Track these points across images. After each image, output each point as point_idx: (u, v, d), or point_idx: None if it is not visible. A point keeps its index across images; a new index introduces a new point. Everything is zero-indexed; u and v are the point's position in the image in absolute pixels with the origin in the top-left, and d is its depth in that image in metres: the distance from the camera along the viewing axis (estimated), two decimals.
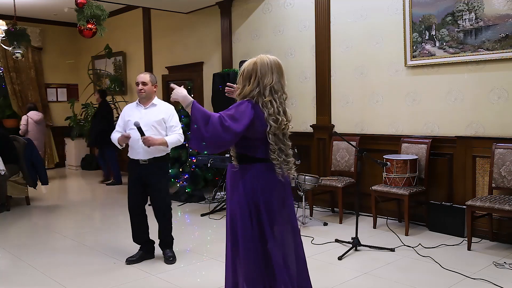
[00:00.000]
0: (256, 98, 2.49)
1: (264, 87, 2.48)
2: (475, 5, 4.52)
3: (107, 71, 9.94)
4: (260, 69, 2.51)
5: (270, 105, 2.47)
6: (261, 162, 2.55)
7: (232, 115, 2.41)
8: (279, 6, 6.45)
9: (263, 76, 2.50)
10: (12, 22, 6.92)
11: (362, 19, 5.53)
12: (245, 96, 2.52)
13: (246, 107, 2.45)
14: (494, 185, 4.36)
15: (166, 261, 4.05)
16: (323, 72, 5.91)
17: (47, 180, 6.73)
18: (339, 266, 3.91)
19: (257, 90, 2.49)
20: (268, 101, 2.47)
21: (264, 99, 2.47)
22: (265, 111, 2.47)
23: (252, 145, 2.52)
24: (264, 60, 2.54)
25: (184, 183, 6.62)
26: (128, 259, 4.05)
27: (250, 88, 2.50)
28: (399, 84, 5.24)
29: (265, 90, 2.48)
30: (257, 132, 2.48)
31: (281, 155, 2.54)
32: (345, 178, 5.46)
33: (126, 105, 4.23)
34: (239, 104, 2.48)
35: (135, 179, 4.01)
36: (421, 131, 5.09)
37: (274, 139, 2.49)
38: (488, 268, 3.75)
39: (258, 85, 2.49)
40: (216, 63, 7.52)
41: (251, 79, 2.50)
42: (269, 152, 2.51)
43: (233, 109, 2.45)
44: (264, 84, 2.49)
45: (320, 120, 5.98)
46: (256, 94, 2.49)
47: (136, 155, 3.95)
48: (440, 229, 4.73)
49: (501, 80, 4.47)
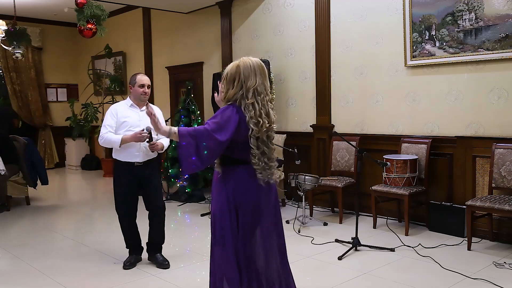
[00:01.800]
0: (239, 100, 2.47)
1: (247, 89, 2.46)
2: (475, 5, 4.52)
3: (107, 71, 9.94)
4: (243, 72, 2.48)
5: (252, 108, 2.45)
6: (244, 164, 2.52)
7: (217, 123, 2.40)
8: (279, 6, 6.45)
9: (246, 79, 2.48)
10: (12, 22, 6.91)
11: (362, 19, 5.54)
12: (229, 100, 2.50)
13: (231, 112, 2.44)
14: (494, 185, 4.36)
15: (161, 266, 3.93)
16: (323, 72, 5.91)
17: (47, 180, 6.73)
18: (339, 266, 3.91)
19: (240, 93, 2.47)
20: (250, 103, 2.45)
21: (247, 102, 2.45)
22: (247, 114, 2.44)
23: (236, 147, 2.49)
24: (247, 63, 2.51)
25: (184, 183, 6.62)
26: (126, 264, 3.96)
27: (233, 91, 2.48)
28: (399, 84, 5.24)
29: (248, 93, 2.46)
30: (242, 136, 2.46)
31: (262, 159, 2.50)
32: (345, 178, 5.46)
33: (113, 105, 4.03)
34: (224, 110, 2.47)
35: (128, 182, 3.88)
36: (421, 131, 5.09)
37: (256, 143, 2.47)
38: (488, 268, 3.75)
39: (242, 88, 2.47)
40: (216, 63, 7.52)
41: (235, 82, 2.49)
42: (250, 156, 2.48)
43: (219, 116, 2.44)
44: (248, 87, 2.47)
45: (320, 120, 5.98)
46: (240, 96, 2.47)
47: (132, 157, 3.84)
48: (440, 229, 4.73)
49: (501, 80, 4.47)
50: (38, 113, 10.06)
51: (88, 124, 9.25)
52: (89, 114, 9.20)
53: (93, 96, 10.05)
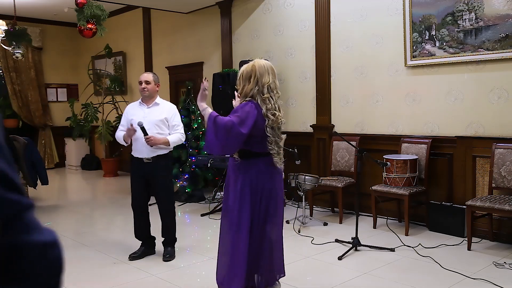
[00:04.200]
0: (256, 96, 2.82)
1: (262, 85, 2.83)
2: (475, 5, 4.52)
3: (107, 71, 9.94)
4: (259, 70, 2.84)
5: (268, 101, 2.83)
6: (263, 156, 2.89)
7: (239, 117, 2.73)
8: (279, 6, 6.45)
9: (261, 76, 2.84)
10: (12, 22, 6.92)
11: (362, 19, 5.54)
12: (246, 95, 2.85)
13: (250, 107, 2.77)
14: (494, 185, 4.36)
15: (164, 258, 4.10)
16: (323, 72, 5.91)
17: (47, 180, 6.73)
18: (339, 266, 3.91)
19: (256, 89, 2.82)
20: (266, 97, 2.82)
21: (263, 96, 2.82)
22: (264, 107, 2.80)
23: (255, 142, 2.83)
24: (261, 63, 2.89)
25: (184, 183, 6.62)
26: (131, 255, 4.13)
27: (250, 86, 2.83)
28: (399, 84, 5.24)
29: (263, 88, 2.83)
30: (259, 129, 2.80)
31: (274, 146, 2.88)
32: (345, 178, 5.46)
33: (128, 104, 4.33)
34: (243, 106, 2.80)
35: (139, 177, 4.10)
36: (421, 131, 5.09)
37: (271, 132, 2.85)
38: (488, 268, 3.75)
39: (257, 84, 2.82)
40: (216, 63, 7.52)
41: (251, 79, 2.84)
42: (267, 143, 2.85)
43: (239, 111, 2.78)
44: (263, 83, 2.83)
45: (320, 120, 5.98)
46: (256, 92, 2.82)
47: (139, 153, 4.03)
48: (440, 229, 4.73)
49: (501, 80, 4.47)
50: (38, 113, 10.06)
51: (88, 124, 9.25)
52: (89, 114, 9.20)
53: (93, 96, 10.05)
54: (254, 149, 2.86)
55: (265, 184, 2.90)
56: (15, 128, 9.82)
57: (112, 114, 9.17)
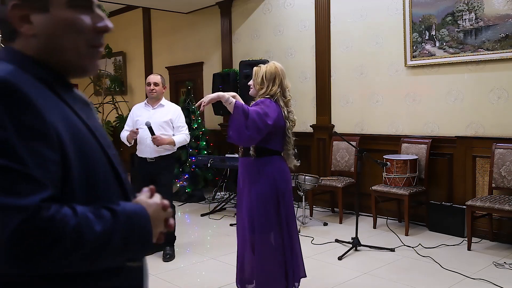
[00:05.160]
0: (278, 97, 2.87)
1: (284, 88, 2.90)
2: (475, 5, 4.52)
3: (107, 71, 9.93)
4: (281, 73, 2.91)
5: (290, 104, 2.93)
6: (278, 154, 2.93)
7: (263, 109, 2.76)
8: (279, 6, 6.45)
9: (284, 79, 2.91)
10: None
11: (362, 19, 5.53)
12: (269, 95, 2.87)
13: (271, 103, 2.82)
14: (494, 185, 4.36)
15: (164, 258, 4.10)
16: (323, 72, 5.91)
17: None
18: (339, 266, 3.91)
19: (279, 90, 2.88)
20: (288, 100, 2.92)
21: (286, 99, 2.90)
22: (285, 110, 2.88)
23: (271, 139, 2.85)
24: (280, 66, 2.95)
25: (184, 183, 6.62)
26: None
27: (275, 89, 2.87)
28: (399, 84, 5.24)
29: (285, 92, 2.91)
30: (278, 126, 2.84)
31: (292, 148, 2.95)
32: (345, 178, 5.46)
33: (134, 106, 4.45)
34: (263, 101, 2.84)
35: (141, 176, 4.21)
36: (421, 131, 5.09)
37: (291, 134, 2.93)
38: (488, 268, 3.75)
39: (280, 86, 2.88)
40: (216, 63, 7.52)
41: (275, 80, 2.89)
42: (285, 144, 2.91)
43: (261, 105, 2.81)
44: (284, 86, 2.91)
45: (320, 120, 5.98)
46: (279, 94, 2.88)
47: (143, 153, 4.14)
48: (440, 229, 4.72)
49: (501, 80, 4.47)
50: None
51: None
52: None
53: (93, 96, 10.04)
54: (270, 146, 2.87)
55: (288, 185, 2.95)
56: None
57: (112, 114, 9.16)
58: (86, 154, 0.93)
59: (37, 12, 0.94)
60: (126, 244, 0.90)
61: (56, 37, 0.95)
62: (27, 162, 0.81)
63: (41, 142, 0.84)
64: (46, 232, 0.79)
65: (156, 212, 0.99)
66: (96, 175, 0.95)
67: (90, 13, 1.00)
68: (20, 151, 0.81)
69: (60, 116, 0.91)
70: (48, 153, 0.84)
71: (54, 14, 0.95)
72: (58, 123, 0.88)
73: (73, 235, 0.81)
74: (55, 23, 0.95)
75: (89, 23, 0.99)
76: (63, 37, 0.96)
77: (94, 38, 1.00)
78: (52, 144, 0.85)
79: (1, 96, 0.84)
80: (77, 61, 0.99)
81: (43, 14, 0.94)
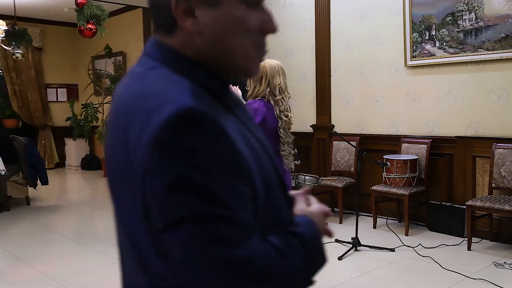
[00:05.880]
0: (267, 97, 2.84)
1: (274, 87, 2.84)
2: (475, 5, 4.52)
3: (107, 71, 9.94)
4: (270, 71, 2.85)
5: (281, 103, 2.85)
6: None
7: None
8: (279, 6, 6.45)
9: (272, 78, 2.85)
10: (12, 22, 6.92)
11: (362, 19, 5.53)
12: (257, 96, 2.86)
13: (259, 105, 2.79)
14: (494, 185, 4.36)
15: None
16: (323, 72, 5.91)
17: (47, 180, 6.73)
18: (339, 266, 3.91)
19: (268, 90, 2.84)
20: (279, 99, 2.85)
21: (275, 98, 2.84)
22: (276, 109, 2.82)
23: None
24: (272, 64, 2.89)
25: None
26: None
27: (262, 88, 2.84)
28: (399, 84, 5.24)
29: (275, 90, 2.85)
30: (268, 128, 2.80)
31: (288, 147, 2.90)
32: (345, 178, 5.46)
33: None
34: (251, 103, 2.84)
35: None
36: (421, 131, 5.09)
37: (284, 133, 2.88)
38: (488, 268, 3.75)
39: (268, 86, 2.84)
40: None
41: (262, 80, 2.85)
42: (279, 144, 2.85)
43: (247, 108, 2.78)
44: (274, 85, 2.85)
45: (320, 120, 5.98)
46: (268, 93, 2.83)
47: None
48: (440, 229, 4.72)
49: (501, 80, 4.47)
50: (38, 113, 10.06)
51: (88, 124, 9.25)
52: (89, 114, 9.20)
53: (93, 96, 10.05)
54: None
55: None
56: (15, 128, 9.82)
57: None
58: (266, 176, 0.83)
59: (205, 6, 0.81)
60: (312, 268, 0.87)
61: (225, 37, 0.83)
62: (231, 205, 0.72)
63: (238, 178, 0.74)
64: (258, 277, 0.75)
65: (321, 222, 0.91)
66: (273, 193, 0.85)
67: (258, 10, 0.87)
68: (223, 193, 0.72)
69: (240, 138, 0.79)
70: (244, 189, 0.75)
71: (224, 9, 0.81)
72: (243, 148, 0.78)
73: (277, 276, 0.77)
74: (224, 20, 0.82)
75: (257, 21, 0.86)
76: (232, 37, 0.83)
77: (259, 38, 0.89)
78: (245, 177, 0.76)
79: (199, 131, 0.72)
80: (244, 65, 0.87)
81: (212, 9, 0.81)
